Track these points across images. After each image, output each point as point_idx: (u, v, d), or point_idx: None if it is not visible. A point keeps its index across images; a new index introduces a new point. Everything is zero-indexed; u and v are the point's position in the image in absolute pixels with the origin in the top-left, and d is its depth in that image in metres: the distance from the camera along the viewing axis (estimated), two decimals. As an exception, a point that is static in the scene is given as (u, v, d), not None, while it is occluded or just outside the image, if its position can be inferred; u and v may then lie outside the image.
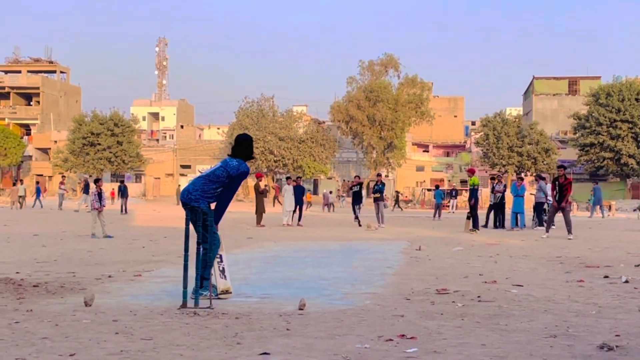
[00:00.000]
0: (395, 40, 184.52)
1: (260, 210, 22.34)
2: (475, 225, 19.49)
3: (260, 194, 23.05)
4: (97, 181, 18.09)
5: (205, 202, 7.01)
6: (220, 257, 7.10)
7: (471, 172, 21.07)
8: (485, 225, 21.51)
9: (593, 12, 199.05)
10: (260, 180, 24.28)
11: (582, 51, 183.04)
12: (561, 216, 17.49)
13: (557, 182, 17.42)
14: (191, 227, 6.81)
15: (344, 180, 50.86)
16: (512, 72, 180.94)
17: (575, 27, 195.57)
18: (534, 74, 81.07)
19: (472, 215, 19.65)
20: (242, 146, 7.22)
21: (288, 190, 22.91)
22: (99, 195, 17.08)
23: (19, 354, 4.59)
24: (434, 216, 29.53)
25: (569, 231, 16.76)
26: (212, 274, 6.93)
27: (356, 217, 22.63)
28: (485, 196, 36.25)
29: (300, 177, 26.76)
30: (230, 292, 6.99)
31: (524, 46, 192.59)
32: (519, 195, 21.43)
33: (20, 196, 36.73)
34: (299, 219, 22.95)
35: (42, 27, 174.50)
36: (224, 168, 7.09)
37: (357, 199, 23.37)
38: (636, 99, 58.57)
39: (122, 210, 30.90)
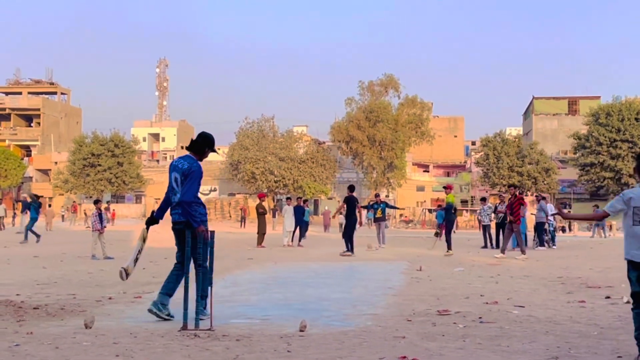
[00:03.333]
0: (395, 61, 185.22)
1: (261, 231, 22.24)
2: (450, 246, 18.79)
3: (260, 214, 22.97)
4: (96, 202, 18.05)
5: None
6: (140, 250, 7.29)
7: (450, 188, 19.94)
8: (497, 246, 21.20)
9: (593, 32, 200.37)
10: (263, 201, 24.23)
11: (582, 71, 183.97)
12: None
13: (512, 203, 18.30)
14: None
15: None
16: (511, 92, 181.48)
17: (574, 47, 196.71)
18: (534, 93, 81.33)
19: (447, 236, 19.05)
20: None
21: (288, 211, 22.87)
22: (100, 216, 17.04)
23: (19, 377, 4.57)
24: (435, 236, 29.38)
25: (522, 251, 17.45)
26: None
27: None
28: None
29: (302, 198, 26.70)
30: (129, 273, 7.26)
31: (523, 66, 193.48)
32: (519, 215, 21.35)
33: None
34: (300, 240, 22.89)
35: (43, 48, 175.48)
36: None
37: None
38: (636, 119, 58.73)
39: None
